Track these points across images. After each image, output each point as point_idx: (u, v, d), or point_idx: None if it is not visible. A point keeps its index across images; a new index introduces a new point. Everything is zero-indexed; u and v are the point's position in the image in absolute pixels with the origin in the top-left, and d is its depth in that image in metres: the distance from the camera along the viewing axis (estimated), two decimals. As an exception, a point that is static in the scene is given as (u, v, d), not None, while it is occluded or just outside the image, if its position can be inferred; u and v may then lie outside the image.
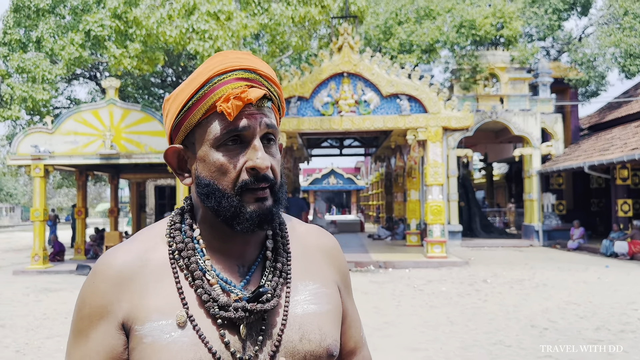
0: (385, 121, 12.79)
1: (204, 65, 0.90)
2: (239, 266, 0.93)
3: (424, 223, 15.22)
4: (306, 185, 34.62)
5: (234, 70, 0.88)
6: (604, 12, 20.41)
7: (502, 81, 18.37)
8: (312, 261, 1.01)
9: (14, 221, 51.15)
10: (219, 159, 0.87)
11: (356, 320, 1.10)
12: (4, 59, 14.28)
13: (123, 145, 12.34)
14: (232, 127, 0.86)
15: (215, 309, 0.86)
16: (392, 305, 7.81)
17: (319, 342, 0.91)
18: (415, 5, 18.23)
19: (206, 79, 0.87)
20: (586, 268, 11.59)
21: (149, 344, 0.83)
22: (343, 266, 1.07)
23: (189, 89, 0.89)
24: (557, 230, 17.45)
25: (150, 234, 0.95)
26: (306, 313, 0.92)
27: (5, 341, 6.03)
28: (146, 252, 0.91)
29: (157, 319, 0.85)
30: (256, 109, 0.88)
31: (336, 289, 1.01)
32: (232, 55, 0.90)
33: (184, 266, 0.90)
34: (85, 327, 0.88)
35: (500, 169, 30.43)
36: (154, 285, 0.88)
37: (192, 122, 0.89)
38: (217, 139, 0.87)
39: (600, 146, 16.14)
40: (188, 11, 10.42)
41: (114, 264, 0.89)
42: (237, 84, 0.87)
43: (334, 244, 1.08)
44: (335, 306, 0.98)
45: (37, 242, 12.56)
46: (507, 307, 7.50)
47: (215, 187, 0.88)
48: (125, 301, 0.87)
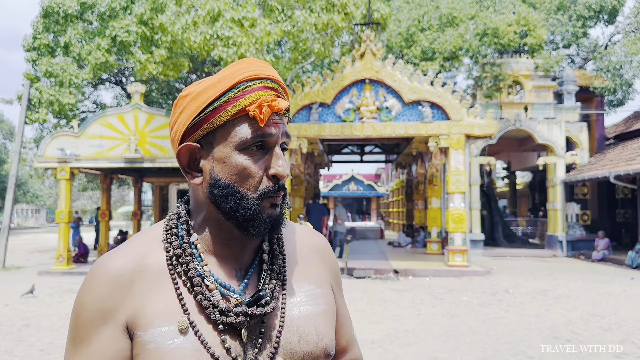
0: (407, 128, 12.75)
1: (231, 70, 0.90)
2: (237, 270, 0.94)
3: (445, 231, 15.11)
4: (326, 191, 34.63)
5: (262, 79, 0.90)
6: (632, 20, 20.09)
7: (526, 89, 18.18)
8: (306, 262, 1.02)
9: (39, 222, 52.18)
10: (242, 162, 0.88)
11: (347, 319, 1.12)
12: (33, 63, 14.63)
13: (147, 150, 12.52)
14: (261, 132, 0.88)
15: (216, 315, 0.87)
16: (412, 314, 7.76)
17: (316, 343, 0.92)
18: (438, 12, 18.17)
19: (235, 82, 0.88)
20: (611, 280, 11.36)
21: (152, 350, 0.84)
22: (334, 266, 1.09)
23: (214, 90, 0.88)
24: (581, 241, 17.15)
25: (145, 238, 0.95)
26: (303, 314, 0.94)
27: (30, 340, 6.15)
28: (143, 257, 0.91)
29: (160, 324, 0.85)
30: (279, 118, 0.91)
31: (330, 289, 1.03)
32: (257, 63, 0.92)
33: (182, 272, 0.90)
34: (85, 334, 0.86)
35: (523, 177, 30.04)
36: (154, 291, 0.88)
37: (217, 123, 0.88)
38: (244, 142, 0.88)
39: (626, 155, 15.83)
40: (213, 18, 10.55)
41: (113, 267, 0.88)
42: (266, 92, 0.89)
43: (325, 244, 1.10)
44: (330, 306, 1.00)
45: (61, 244, 12.79)
46: (529, 317, 7.39)
47: (235, 190, 0.88)
48: (128, 304, 0.86)
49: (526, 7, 18.13)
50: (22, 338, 6.25)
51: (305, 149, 13.06)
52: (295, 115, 12.91)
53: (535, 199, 25.99)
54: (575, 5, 20.15)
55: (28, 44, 14.58)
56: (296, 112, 12.93)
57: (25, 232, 38.12)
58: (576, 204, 17.66)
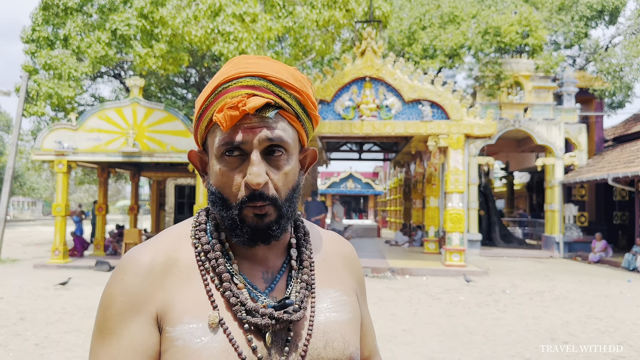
0: (407, 127, 12.72)
1: (220, 70, 0.89)
2: (263, 272, 0.92)
3: (442, 231, 15.10)
4: (324, 188, 34.59)
5: (241, 77, 0.85)
6: (632, 22, 20.07)
7: (526, 89, 18.16)
8: (332, 269, 1.00)
9: (36, 215, 52.06)
10: (220, 169, 0.86)
11: (371, 329, 1.10)
12: (31, 56, 14.54)
13: (145, 144, 12.46)
14: (227, 140, 0.84)
15: (242, 314, 0.85)
16: (409, 313, 7.74)
17: (342, 350, 0.90)
18: (440, 11, 18.12)
19: (215, 86, 0.86)
20: (608, 282, 11.37)
21: (180, 347, 0.82)
22: (360, 274, 1.07)
23: (203, 96, 0.88)
24: (578, 242, 17.17)
25: (175, 234, 0.94)
26: (329, 321, 0.92)
27: (25, 334, 6.11)
28: (173, 251, 0.90)
29: (189, 321, 0.84)
30: (258, 119, 0.84)
31: (355, 296, 1.01)
32: (245, 60, 0.88)
33: (210, 268, 0.88)
34: (115, 326, 0.84)
35: (521, 178, 30.06)
36: (183, 286, 0.87)
37: (202, 130, 0.90)
38: (218, 150, 0.86)
39: (625, 158, 15.84)
40: (214, 12, 10.50)
41: (144, 260, 0.87)
42: (237, 92, 0.84)
43: (351, 251, 1.08)
44: (355, 314, 0.97)
45: (57, 237, 12.73)
46: (527, 319, 7.39)
47: (220, 196, 0.87)
48: (158, 297, 0.85)
49: (528, 7, 18.08)
50: (17, 332, 6.20)
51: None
52: (294, 111, 12.85)
53: (533, 199, 26.02)
54: (577, 5, 20.12)
55: (27, 36, 14.48)
56: (296, 109, 12.87)
57: (22, 224, 38.01)
58: (574, 205, 17.67)
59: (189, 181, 21.26)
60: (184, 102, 20.66)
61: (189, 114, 15.92)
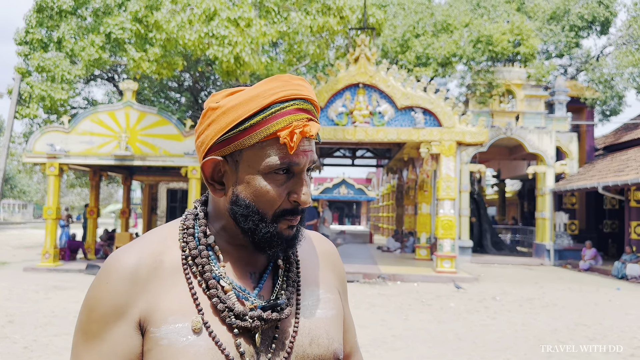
0: (399, 133, 12.78)
1: (265, 87, 0.87)
2: (251, 273, 0.94)
3: (434, 237, 15.15)
4: (317, 194, 34.59)
5: (295, 99, 0.87)
6: (623, 33, 20.30)
7: (518, 98, 18.31)
8: (316, 267, 1.03)
9: (26, 218, 51.72)
10: (266, 186, 0.87)
11: (352, 326, 1.13)
12: (24, 58, 14.49)
13: (138, 147, 12.45)
14: (288, 160, 0.87)
15: (231, 319, 0.87)
16: (399, 319, 7.76)
17: (327, 346, 0.93)
18: (433, 19, 18.26)
19: (268, 103, 0.86)
20: (597, 289, 11.45)
21: (165, 346, 0.83)
22: (342, 272, 1.11)
23: (246, 108, 0.86)
24: (569, 250, 17.27)
25: (160, 235, 0.94)
26: (314, 318, 0.95)
27: (13, 337, 6.07)
28: (160, 254, 0.90)
29: (173, 321, 0.85)
30: (309, 143, 0.89)
31: (338, 294, 1.04)
32: (293, 81, 0.89)
33: (197, 273, 0.90)
34: (99, 330, 0.85)
35: (513, 185, 30.24)
36: (168, 288, 0.88)
37: (246, 144, 0.87)
38: (270, 167, 0.87)
39: (615, 167, 15.99)
40: (208, 17, 10.53)
41: (129, 263, 0.87)
42: (299, 115, 0.87)
43: (334, 250, 1.11)
44: (339, 311, 1.01)
45: (48, 240, 12.66)
46: (516, 325, 7.43)
47: (254, 210, 0.88)
48: (142, 301, 0.86)
49: (520, 15, 18.27)
50: (6, 335, 6.17)
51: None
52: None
53: (525, 207, 26.16)
54: (568, 15, 20.34)
55: (20, 38, 14.44)
56: (289, 114, 12.91)
57: (12, 227, 37.73)
58: (564, 213, 17.79)
59: (181, 185, 21.23)
60: (178, 106, 20.65)
61: (182, 118, 15.90)
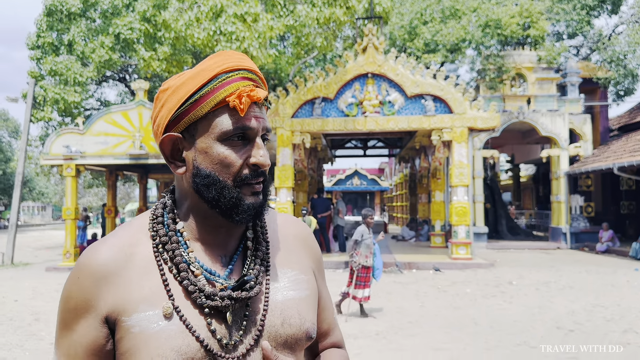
0: (410, 122, 12.78)
1: (209, 62, 0.93)
2: (222, 256, 0.98)
3: (448, 224, 15.15)
4: (330, 186, 34.64)
5: (239, 70, 0.93)
6: (635, 10, 20.00)
7: (529, 81, 18.15)
8: (289, 249, 1.06)
9: (46, 220, 52.45)
10: (224, 152, 0.92)
11: (329, 304, 1.15)
12: (37, 62, 14.72)
13: (152, 146, 12.59)
14: (241, 123, 0.92)
15: (202, 299, 0.90)
16: (415, 306, 7.82)
17: (298, 326, 0.96)
18: (441, 5, 18.14)
19: (214, 74, 0.91)
20: (614, 271, 11.40)
21: (137, 333, 0.87)
22: (317, 253, 1.13)
23: (194, 82, 0.91)
24: (585, 233, 17.16)
25: (132, 228, 0.98)
26: (286, 299, 0.98)
27: (40, 334, 6.26)
28: (130, 246, 0.94)
29: (144, 309, 0.88)
30: (259, 110, 0.94)
31: (312, 275, 1.06)
32: (234, 55, 0.95)
33: (168, 259, 0.93)
34: (70, 320, 0.91)
35: (527, 170, 30.00)
36: (140, 279, 0.91)
37: (198, 115, 0.91)
38: (225, 133, 0.91)
39: (630, 147, 15.82)
40: (215, 14, 10.60)
41: (99, 259, 0.91)
42: (245, 82, 0.92)
43: (308, 232, 1.14)
44: (313, 292, 1.03)
45: (68, 240, 12.90)
46: (533, 309, 7.45)
47: (216, 179, 0.92)
48: (110, 296, 0.90)
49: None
50: (33, 332, 6.36)
51: (309, 143, 13.11)
52: (298, 110, 12.95)
53: (540, 191, 25.98)
54: (579, -6, 20.05)
55: (32, 42, 14.66)
56: (299, 107, 12.97)
57: (32, 229, 38.35)
58: (580, 196, 17.65)
59: (196, 182, 21.37)
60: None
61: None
